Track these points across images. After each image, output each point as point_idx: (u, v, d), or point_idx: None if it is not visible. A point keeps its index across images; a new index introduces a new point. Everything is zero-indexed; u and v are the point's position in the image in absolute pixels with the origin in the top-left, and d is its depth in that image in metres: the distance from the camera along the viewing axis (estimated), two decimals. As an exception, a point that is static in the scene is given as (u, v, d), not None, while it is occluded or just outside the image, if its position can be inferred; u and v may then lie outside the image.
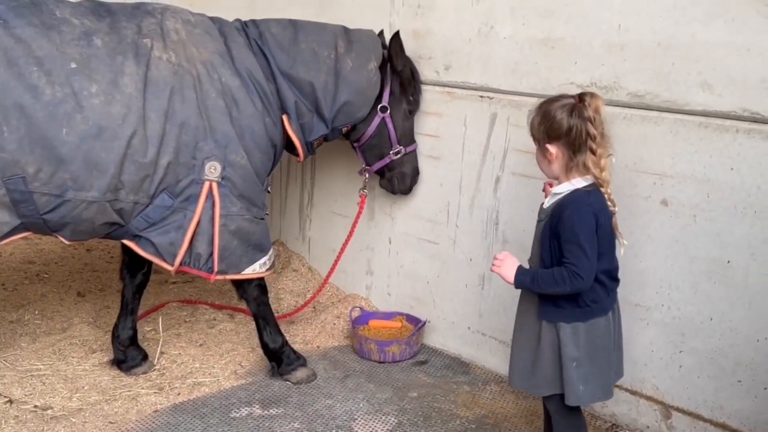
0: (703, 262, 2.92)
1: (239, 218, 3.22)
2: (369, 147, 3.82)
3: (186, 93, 3.08)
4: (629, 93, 3.05)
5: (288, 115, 3.42)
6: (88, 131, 2.86)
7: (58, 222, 2.96)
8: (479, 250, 3.78)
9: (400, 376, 3.77)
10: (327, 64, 3.48)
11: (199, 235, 3.17)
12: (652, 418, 3.20)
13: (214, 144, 3.13)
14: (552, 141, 2.52)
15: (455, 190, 3.84)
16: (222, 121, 3.16)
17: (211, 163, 3.13)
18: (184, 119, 3.06)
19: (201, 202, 3.13)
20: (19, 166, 2.79)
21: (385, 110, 3.71)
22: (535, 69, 3.38)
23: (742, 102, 2.73)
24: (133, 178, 2.99)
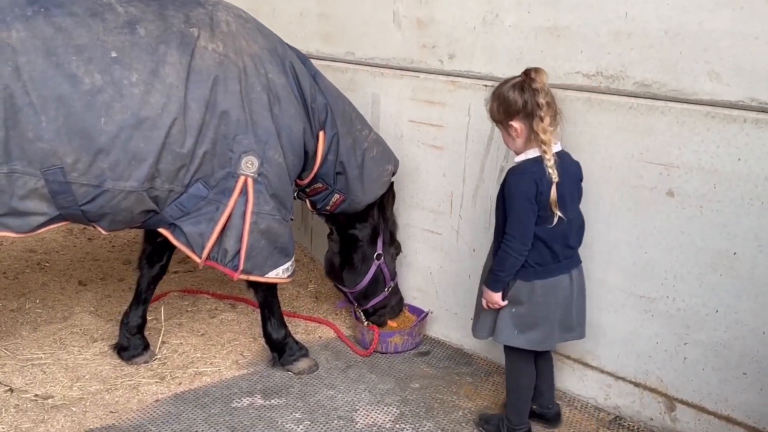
0: (709, 253, 2.90)
1: (270, 218, 3.19)
2: (365, 294, 3.92)
3: (230, 84, 3.05)
4: (636, 82, 3.02)
5: (325, 133, 3.40)
6: (127, 121, 2.83)
7: (97, 212, 2.93)
8: (482, 240, 3.75)
9: (403, 367, 3.75)
10: (357, 136, 3.54)
11: (228, 229, 3.13)
12: (655, 410, 3.18)
13: (254, 138, 3.10)
14: (513, 118, 2.80)
15: (458, 180, 3.81)
16: (264, 116, 3.13)
17: (249, 157, 3.10)
18: (225, 109, 3.03)
19: (234, 196, 3.10)
20: (57, 157, 2.76)
21: (380, 258, 3.84)
22: (540, 58, 3.34)
23: (750, 92, 2.69)
24: (170, 167, 2.96)
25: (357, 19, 4.22)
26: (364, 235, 3.81)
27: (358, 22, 4.22)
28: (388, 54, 4.08)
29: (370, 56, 4.19)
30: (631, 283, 3.16)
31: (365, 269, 3.83)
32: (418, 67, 3.92)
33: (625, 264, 3.18)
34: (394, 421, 3.23)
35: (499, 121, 2.87)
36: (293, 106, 3.24)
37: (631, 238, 3.13)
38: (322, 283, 4.71)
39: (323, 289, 4.62)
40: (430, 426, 3.20)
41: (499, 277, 2.91)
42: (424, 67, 3.89)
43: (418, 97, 3.93)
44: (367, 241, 3.81)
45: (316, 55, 4.52)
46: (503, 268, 2.88)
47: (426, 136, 3.92)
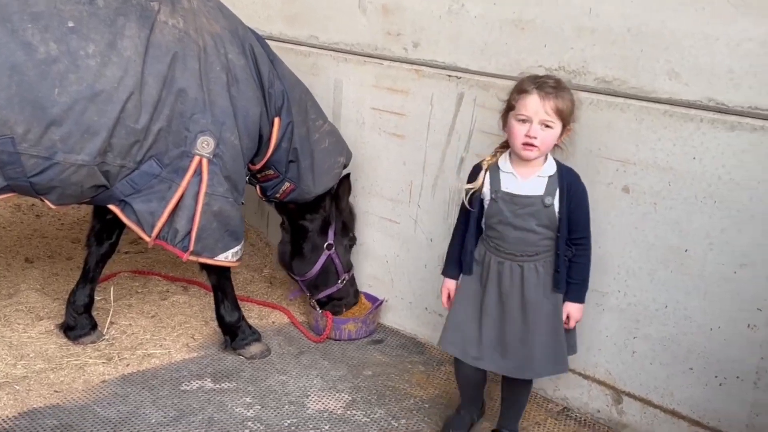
0: (661, 250, 2.95)
1: (223, 200, 3.14)
2: (315, 283, 3.87)
3: (189, 62, 2.99)
4: (597, 78, 3.05)
5: (280, 119, 3.35)
6: (81, 93, 2.75)
7: (46, 185, 2.85)
8: (440, 230, 3.76)
9: (356, 354, 3.74)
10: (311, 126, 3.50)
11: (180, 209, 3.07)
12: (603, 403, 3.23)
13: (211, 118, 3.05)
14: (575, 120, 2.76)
15: (419, 169, 3.81)
16: (222, 96, 3.08)
17: (205, 137, 3.04)
18: (183, 87, 2.97)
19: (188, 176, 3.04)
20: (7, 126, 2.67)
21: (330, 248, 3.80)
22: (504, 50, 3.36)
23: (708, 92, 2.74)
24: (123, 142, 2.89)
25: (322, 3, 4.17)
26: (315, 224, 3.78)
27: (323, 6, 4.17)
28: (353, 39, 4.05)
29: (334, 41, 4.16)
30: (584, 276, 3.20)
31: (315, 258, 3.79)
32: (382, 54, 3.90)
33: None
34: (346, 408, 3.22)
35: (564, 121, 2.69)
36: (251, 89, 3.20)
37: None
38: (276, 268, 4.66)
39: (278, 275, 4.57)
40: (381, 413, 3.20)
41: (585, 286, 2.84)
42: (388, 54, 3.87)
43: (381, 84, 3.92)
44: (317, 230, 3.78)
45: (279, 38, 4.46)
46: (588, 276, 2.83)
47: (388, 124, 3.91)
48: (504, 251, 2.78)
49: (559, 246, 2.74)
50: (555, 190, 2.72)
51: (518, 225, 2.73)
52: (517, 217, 2.73)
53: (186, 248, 3.12)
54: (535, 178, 2.74)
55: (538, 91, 2.62)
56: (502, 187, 2.76)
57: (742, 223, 2.71)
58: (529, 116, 2.63)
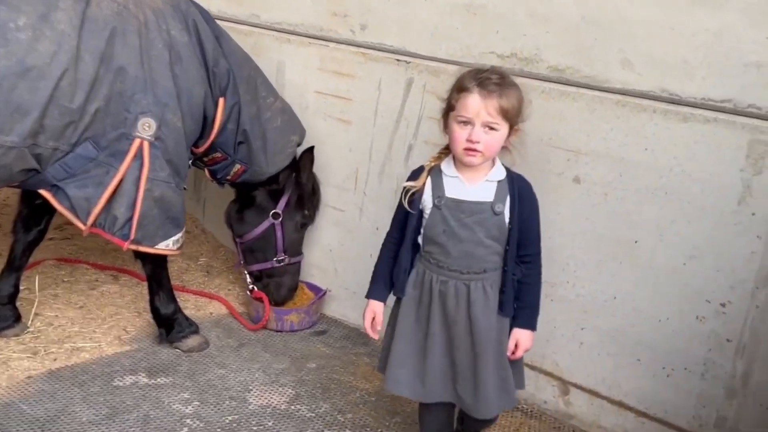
0: (611, 241, 2.93)
1: (165, 185, 2.97)
2: (251, 248, 3.69)
3: (129, 38, 2.80)
4: (549, 66, 3.00)
5: (225, 99, 3.17)
6: (10, 68, 2.54)
7: None
8: (387, 219, 3.61)
9: (298, 346, 3.62)
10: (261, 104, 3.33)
11: (119, 195, 2.88)
12: (550, 394, 3.21)
13: (152, 99, 2.87)
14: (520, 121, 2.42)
15: (365, 156, 3.70)
16: (165, 75, 2.90)
17: (146, 119, 2.86)
18: (122, 65, 2.78)
19: (128, 160, 2.86)
20: None
21: (277, 217, 3.60)
22: (455, 35, 3.27)
23: (662, 82, 2.72)
24: (56, 123, 2.68)
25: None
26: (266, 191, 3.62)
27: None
28: (296, 19, 3.90)
29: (277, 20, 4.00)
30: (533, 267, 3.17)
31: (256, 221, 3.62)
32: (328, 36, 3.76)
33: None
34: (290, 402, 3.11)
35: (511, 122, 2.36)
36: (195, 68, 3.04)
37: (537, 222, 3.12)
38: (213, 256, 4.49)
39: (215, 263, 4.41)
40: (326, 407, 3.10)
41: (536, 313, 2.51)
42: (334, 36, 3.74)
43: (326, 67, 3.78)
44: (267, 196, 3.61)
45: (218, 16, 4.25)
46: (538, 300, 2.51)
47: (333, 109, 3.78)
48: (447, 268, 2.41)
49: (508, 262, 2.42)
50: (505, 197, 2.41)
51: (464, 237, 2.38)
52: (463, 227, 2.38)
53: (126, 236, 2.94)
54: (484, 183, 2.41)
55: (479, 89, 2.28)
56: (446, 193, 2.41)
57: (692, 215, 2.71)
58: (470, 118, 2.30)
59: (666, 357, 2.85)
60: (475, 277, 2.41)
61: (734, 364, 2.68)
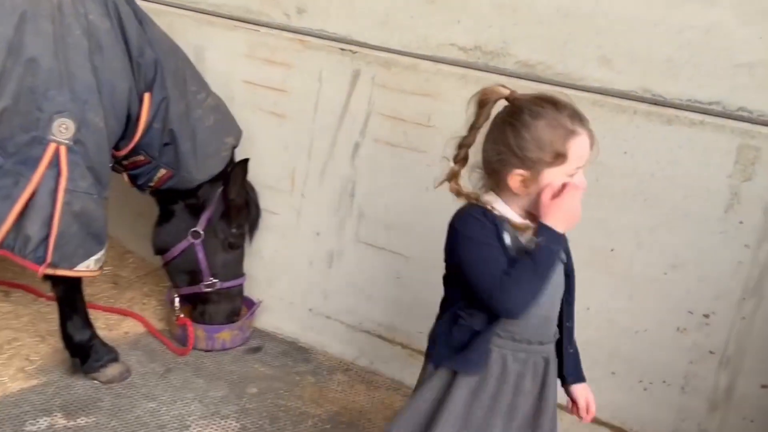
0: (586, 249, 2.73)
1: (86, 197, 2.54)
2: (175, 269, 3.26)
3: (41, 23, 2.34)
4: (518, 61, 2.78)
5: (152, 95, 2.73)
6: None
7: None
8: (330, 223, 3.35)
9: (234, 368, 3.24)
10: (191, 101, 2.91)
11: (31, 211, 2.43)
12: (514, 409, 3.03)
13: (70, 95, 2.42)
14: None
15: (303, 154, 3.35)
16: (84, 67, 2.45)
17: (63, 120, 2.41)
18: (33, 56, 2.33)
19: (42, 168, 2.41)
20: None
21: (197, 236, 3.15)
22: (410, 24, 2.98)
23: (644, 82, 2.57)
24: None
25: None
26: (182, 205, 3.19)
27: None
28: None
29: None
30: (497, 276, 2.96)
31: (174, 239, 3.19)
32: (258, 20, 3.37)
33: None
34: (236, 438, 2.76)
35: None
36: (118, 59, 2.60)
37: (502, 229, 2.91)
38: (120, 264, 3.99)
39: (123, 272, 3.91)
40: (278, 441, 2.77)
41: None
42: (264, 20, 3.35)
43: (256, 54, 3.39)
44: (185, 211, 3.18)
45: (123, -7, 3.75)
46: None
47: (264, 101, 3.40)
48: (526, 341, 1.88)
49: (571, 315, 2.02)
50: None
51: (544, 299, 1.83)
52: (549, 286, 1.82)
53: (41, 259, 2.49)
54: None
55: (586, 129, 1.79)
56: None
57: (674, 221, 2.58)
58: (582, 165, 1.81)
59: (643, 369, 2.73)
60: (550, 347, 1.96)
61: (717, 376, 2.59)
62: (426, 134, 3.01)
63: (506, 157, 1.77)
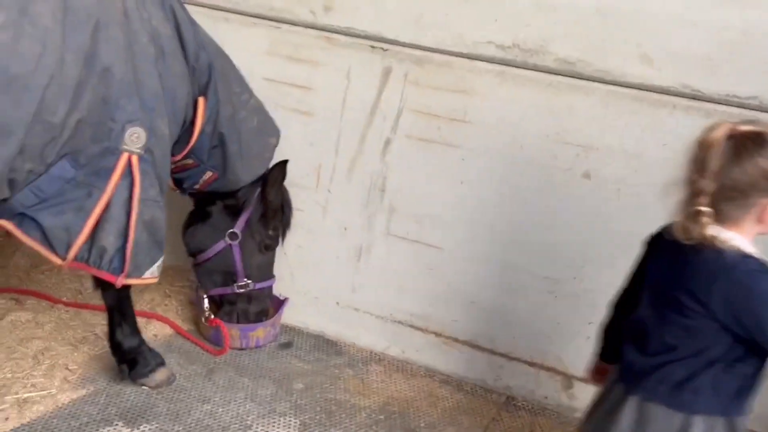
0: (623, 235, 2.90)
1: (155, 205, 2.50)
2: (208, 272, 3.23)
3: (112, 30, 2.26)
4: (558, 59, 2.89)
5: (206, 99, 2.68)
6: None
7: None
8: (358, 219, 3.39)
9: (273, 365, 3.26)
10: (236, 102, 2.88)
11: (106, 222, 2.37)
12: (551, 389, 3.19)
13: (139, 104, 2.36)
14: None
15: (330, 151, 3.38)
16: (151, 75, 2.41)
17: (135, 129, 2.36)
18: (107, 65, 2.26)
19: (115, 178, 2.36)
20: None
21: (234, 237, 3.13)
22: (444, 21, 3.04)
23: (683, 78, 2.72)
24: (37, 142, 2.14)
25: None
26: (220, 207, 3.17)
27: (200, -46, 3.48)
28: (238, -4, 3.43)
29: (211, -6, 3.50)
30: (535, 264, 3.10)
31: (210, 240, 3.17)
32: (280, 17, 3.35)
33: (530, 245, 3.09)
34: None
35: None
36: (178, 64, 2.58)
37: (540, 219, 3.05)
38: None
39: (135, 274, 3.83)
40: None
41: None
42: (288, 17, 3.34)
43: (278, 51, 3.38)
44: (223, 212, 3.17)
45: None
46: None
47: (288, 99, 3.39)
48: None
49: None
50: None
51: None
52: None
53: (118, 270, 2.45)
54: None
55: None
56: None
57: (711, 208, 2.77)
58: None
59: (679, 346, 2.92)
60: None
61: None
62: (461, 129, 3.10)
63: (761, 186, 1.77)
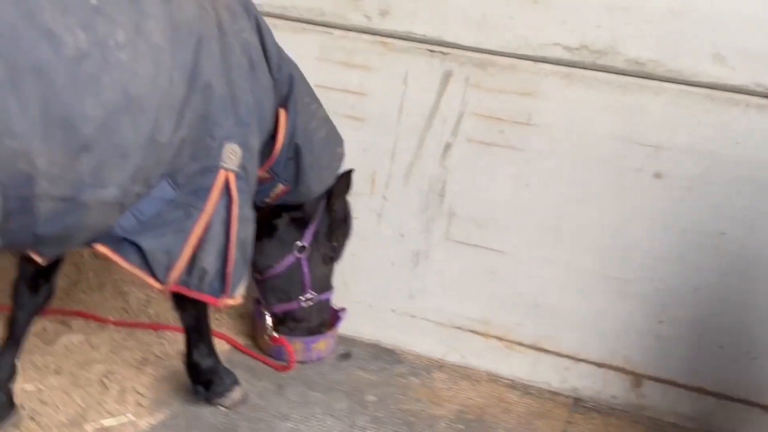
0: (695, 234, 2.95)
1: (249, 224, 2.43)
2: (273, 287, 3.14)
3: (211, 45, 2.18)
4: (627, 59, 2.90)
5: (287, 111, 2.60)
6: (117, 102, 1.88)
7: (53, 236, 1.93)
8: (415, 224, 3.35)
9: (339, 377, 3.20)
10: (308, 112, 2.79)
11: (206, 243, 2.29)
12: (620, 388, 3.20)
13: (234, 120, 2.28)
14: None
15: (386, 156, 3.33)
16: (245, 89, 2.33)
17: (231, 146, 2.28)
18: (208, 81, 2.17)
19: (214, 197, 2.27)
20: (26, 160, 1.71)
21: (302, 250, 3.06)
22: (509, 24, 3.02)
23: (757, 77, 2.75)
24: (149, 163, 2.06)
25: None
26: (287, 219, 3.10)
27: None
28: (285, 1, 3.35)
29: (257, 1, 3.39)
30: (603, 264, 3.10)
31: (278, 255, 3.08)
32: (332, 22, 3.29)
33: (598, 246, 3.09)
34: (389, 449, 2.75)
35: None
36: (265, 77, 2.50)
37: (608, 219, 3.05)
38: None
39: (176, 289, 3.73)
40: (427, 446, 2.79)
41: None
42: (340, 22, 3.27)
43: (329, 57, 3.32)
44: (291, 225, 3.09)
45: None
46: None
47: (340, 105, 3.32)
48: None
49: None
50: None
51: None
52: None
53: (218, 291, 2.36)
54: None
55: None
56: None
57: (788, 205, 2.81)
58: None
59: (752, 342, 2.96)
60: None
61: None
62: (525, 132, 3.08)
63: None
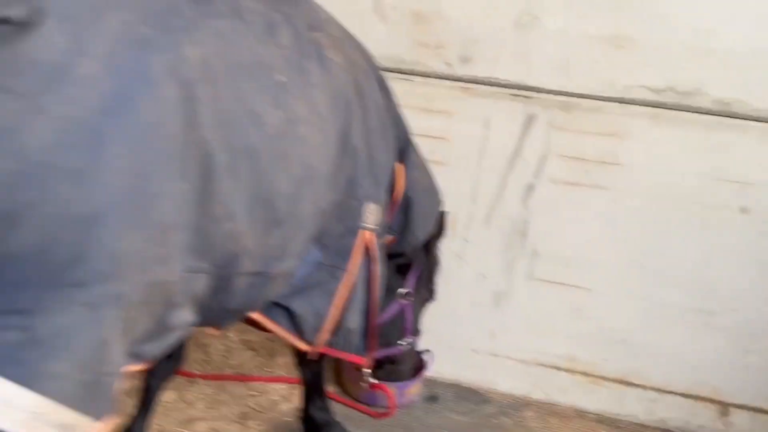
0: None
1: (384, 280, 2.44)
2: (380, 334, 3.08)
3: (355, 108, 2.19)
4: (714, 100, 3.00)
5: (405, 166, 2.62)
6: (301, 175, 1.89)
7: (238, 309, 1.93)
8: (496, 265, 3.40)
9: (436, 421, 3.22)
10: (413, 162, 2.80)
11: (352, 303, 2.28)
12: (707, 418, 3.27)
13: (371, 179, 2.29)
14: None
15: (466, 199, 3.37)
16: (380, 148, 2.35)
17: (371, 205, 2.28)
18: (355, 144, 2.18)
19: (357, 258, 2.26)
20: (235, 241, 1.70)
21: (408, 297, 3.08)
22: (594, 68, 3.10)
23: (843, 113, 2.88)
24: (315, 231, 2.07)
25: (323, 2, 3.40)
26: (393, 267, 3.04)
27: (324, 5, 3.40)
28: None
29: (332, 51, 3.43)
30: (690, 298, 3.18)
31: (385, 305, 3.01)
32: (413, 69, 3.33)
33: (684, 280, 3.17)
34: (509, 494, 2.77)
35: None
36: (390, 134, 2.51)
37: (695, 255, 3.14)
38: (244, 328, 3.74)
39: (252, 337, 3.70)
40: (544, 489, 2.82)
41: None
42: (420, 69, 3.32)
43: (410, 103, 3.29)
44: (394, 272, 3.04)
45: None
46: None
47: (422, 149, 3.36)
48: None
49: None
50: None
51: None
52: None
53: (362, 350, 2.37)
54: None
55: None
56: None
57: None
58: None
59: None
60: None
61: None
62: (610, 171, 3.16)
63: None
